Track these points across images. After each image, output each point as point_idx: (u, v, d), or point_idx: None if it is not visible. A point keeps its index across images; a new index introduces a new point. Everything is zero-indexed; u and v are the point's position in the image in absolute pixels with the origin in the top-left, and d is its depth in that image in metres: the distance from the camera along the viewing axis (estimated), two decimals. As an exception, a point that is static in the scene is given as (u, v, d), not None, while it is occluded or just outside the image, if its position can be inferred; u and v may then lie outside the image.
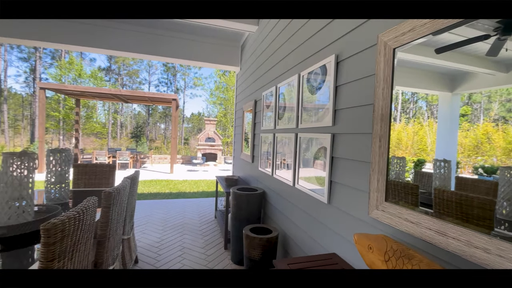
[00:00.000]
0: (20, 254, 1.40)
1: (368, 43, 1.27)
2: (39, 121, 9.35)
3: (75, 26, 3.90)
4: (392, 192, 1.07)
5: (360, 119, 1.32)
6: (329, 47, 1.65)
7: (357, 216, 1.33)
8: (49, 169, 2.27)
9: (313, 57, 1.85)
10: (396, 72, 1.06)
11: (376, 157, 1.14)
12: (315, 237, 1.75)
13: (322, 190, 1.66)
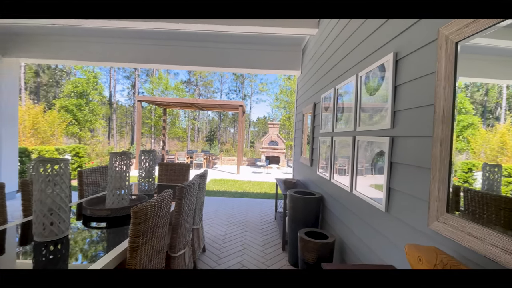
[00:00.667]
0: (119, 231, 1.82)
1: (428, 38, 1.16)
2: (137, 128, 11.46)
3: (163, 49, 4.70)
4: (455, 203, 0.95)
5: (421, 121, 1.20)
6: (387, 45, 1.54)
7: (416, 227, 1.21)
8: (140, 166, 2.82)
9: (371, 56, 1.76)
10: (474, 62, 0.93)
11: (436, 163, 1.02)
12: (372, 246, 1.65)
13: (379, 197, 1.55)
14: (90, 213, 1.97)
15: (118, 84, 33.28)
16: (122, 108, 30.03)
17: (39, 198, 1.50)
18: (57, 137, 11.90)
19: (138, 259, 1.43)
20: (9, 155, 4.97)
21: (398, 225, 1.37)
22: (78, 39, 4.69)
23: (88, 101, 15.86)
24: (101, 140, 18.38)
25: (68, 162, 1.62)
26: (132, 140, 27.78)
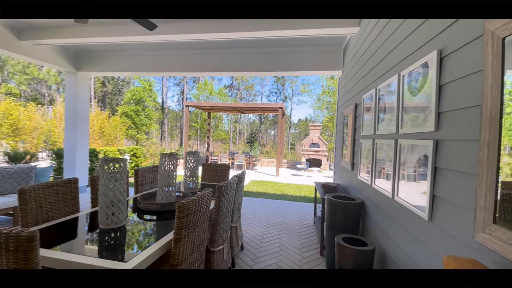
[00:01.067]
0: (166, 224, 2.03)
1: (474, 34, 1.06)
2: (185, 131, 12.37)
3: (208, 57, 5.03)
4: (503, 213, 0.85)
5: (468, 123, 1.10)
6: (430, 42, 1.44)
7: (461, 238, 1.10)
8: (186, 166, 3.08)
9: (414, 54, 1.65)
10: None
11: (483, 169, 0.93)
12: (415, 257, 1.54)
13: (422, 204, 1.45)
14: (143, 206, 2.24)
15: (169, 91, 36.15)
16: (173, 112, 32.62)
17: (104, 191, 1.78)
18: (119, 139, 13.52)
19: (181, 249, 1.59)
20: (82, 155, 5.86)
21: (442, 235, 1.26)
22: (136, 53, 5.32)
23: (144, 107, 17.74)
24: (155, 142, 20.29)
25: (126, 161, 1.88)
26: (181, 142, 29.97)
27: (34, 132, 11.05)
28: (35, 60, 4.79)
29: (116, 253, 1.51)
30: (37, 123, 11.38)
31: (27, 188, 1.80)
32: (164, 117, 28.45)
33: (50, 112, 12.91)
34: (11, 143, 10.45)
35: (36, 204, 1.86)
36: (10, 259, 1.00)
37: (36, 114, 11.83)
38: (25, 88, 23.67)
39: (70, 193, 2.16)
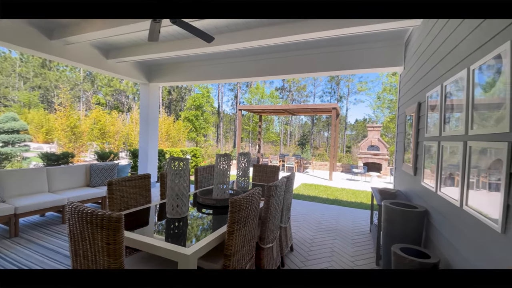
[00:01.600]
0: (221, 218, 2.22)
1: None
2: (237, 133, 12.98)
3: (261, 62, 5.24)
4: None
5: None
6: (504, 31, 1.25)
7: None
8: (238, 166, 3.28)
9: (485, 46, 1.45)
10: None
11: None
12: (488, 276, 1.35)
13: (495, 215, 1.27)
14: (202, 201, 2.50)
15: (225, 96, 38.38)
16: (227, 116, 34.48)
17: (171, 186, 2.06)
18: (182, 141, 14.99)
19: (234, 241, 1.74)
20: (152, 154, 6.74)
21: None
22: (196, 64, 5.88)
23: (203, 112, 19.31)
24: (211, 143, 21.82)
25: (188, 160, 2.14)
26: (234, 143, 31.43)
27: (116, 135, 13.18)
28: (118, 75, 5.74)
29: (179, 239, 1.75)
30: (119, 128, 13.54)
31: (113, 181, 2.22)
32: (220, 121, 30.29)
33: (128, 118, 15.22)
34: (99, 144, 12.70)
35: (120, 194, 2.27)
36: (103, 235, 1.28)
37: (117, 120, 14.10)
38: (110, 98, 28.29)
39: (144, 186, 2.56)
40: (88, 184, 4.70)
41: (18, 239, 3.34)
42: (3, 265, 2.66)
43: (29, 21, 3.98)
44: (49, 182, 4.18)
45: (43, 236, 3.47)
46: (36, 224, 3.89)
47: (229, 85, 32.01)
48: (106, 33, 3.90)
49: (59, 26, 4.20)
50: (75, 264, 1.42)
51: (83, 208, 1.32)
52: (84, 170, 4.70)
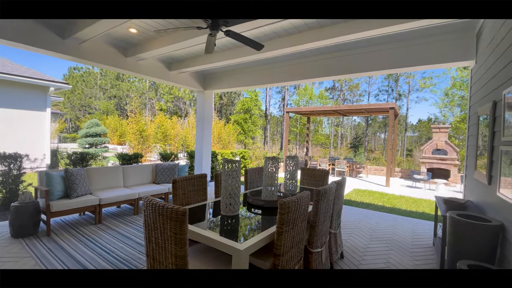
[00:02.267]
0: (269, 218, 2.32)
1: None
2: (285, 136, 13.01)
3: (309, 64, 5.23)
4: None
5: None
6: None
7: None
8: (286, 169, 3.34)
9: None
10: None
11: None
12: None
13: None
14: (251, 201, 2.64)
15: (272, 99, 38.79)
16: (274, 118, 34.77)
17: (224, 185, 2.25)
18: (232, 143, 15.72)
19: (283, 242, 1.81)
20: (206, 156, 7.28)
21: None
22: (246, 70, 6.16)
23: (251, 115, 19.95)
24: (259, 146, 22.31)
25: (239, 163, 2.30)
26: (281, 146, 31.48)
27: (176, 138, 14.61)
28: (178, 84, 6.39)
29: (232, 235, 1.90)
30: (178, 131, 14.97)
31: (177, 179, 2.53)
32: (267, 123, 30.72)
33: (186, 122, 16.69)
34: (162, 146, 14.24)
35: (182, 191, 2.57)
36: (172, 225, 1.49)
37: (177, 124, 15.60)
38: (170, 105, 31.35)
39: (201, 185, 2.83)
40: (154, 181, 5.36)
41: (101, 225, 4.01)
42: (92, 248, 3.25)
43: (109, 41, 4.75)
44: (124, 178, 4.91)
45: (119, 224, 4.10)
46: (113, 214, 4.62)
47: (276, 87, 32.27)
48: (170, 48, 4.41)
49: (132, 45, 4.92)
50: (149, 249, 1.68)
51: (155, 202, 1.57)
52: (151, 169, 5.38)
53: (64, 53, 4.21)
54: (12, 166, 4.72)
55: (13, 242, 3.24)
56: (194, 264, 1.94)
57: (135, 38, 4.57)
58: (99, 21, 3.50)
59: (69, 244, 3.26)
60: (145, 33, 4.32)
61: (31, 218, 3.41)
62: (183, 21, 3.83)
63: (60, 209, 3.58)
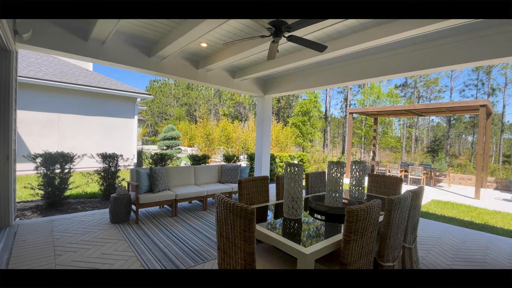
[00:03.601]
0: (333, 225, 2.24)
1: None
2: (348, 138, 12.26)
3: (376, 61, 4.85)
4: None
5: None
6: None
7: None
8: (352, 175, 3.17)
9: None
10: None
11: None
12: None
13: None
14: (314, 206, 2.60)
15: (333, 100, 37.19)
16: (335, 120, 33.17)
17: (287, 189, 2.28)
18: (289, 146, 15.69)
19: (350, 251, 1.73)
20: (265, 158, 7.46)
21: None
22: (308, 72, 6.10)
23: (310, 117, 19.51)
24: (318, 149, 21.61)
25: (302, 167, 2.30)
26: (343, 149, 29.74)
27: (237, 141, 15.45)
28: (241, 91, 6.76)
29: (296, 238, 1.91)
30: (238, 135, 15.81)
31: (242, 180, 2.69)
32: (327, 125, 29.49)
33: (246, 126, 17.51)
34: (225, 148, 15.27)
35: (246, 191, 2.72)
36: (241, 223, 1.60)
37: (238, 128, 16.50)
38: (232, 110, 33.29)
39: (264, 186, 2.94)
40: (219, 180, 5.79)
41: (176, 218, 4.54)
42: (170, 237, 3.71)
43: (184, 56, 5.38)
44: (195, 177, 5.46)
45: (191, 218, 4.57)
46: (186, 208, 5.17)
47: (338, 87, 30.74)
48: (235, 58, 4.73)
49: (202, 58, 5.46)
50: (220, 243, 1.84)
51: (227, 200, 1.71)
52: (217, 169, 5.83)
53: (149, 69, 4.97)
54: (111, 164, 5.80)
55: (111, 226, 3.97)
56: (259, 261, 2.02)
57: (204, 51, 5.05)
58: (178, 40, 4.00)
59: (152, 232, 3.81)
60: (213, 46, 4.74)
61: (125, 208, 4.12)
62: (248, 31, 4.05)
63: (146, 201, 4.21)
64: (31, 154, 4.82)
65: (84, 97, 9.95)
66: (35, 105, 8.91)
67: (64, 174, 5.12)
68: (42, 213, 4.63)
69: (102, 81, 10.96)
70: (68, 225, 3.92)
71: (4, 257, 2.67)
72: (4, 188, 3.39)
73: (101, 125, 10.40)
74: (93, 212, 4.68)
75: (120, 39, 4.49)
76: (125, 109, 11.07)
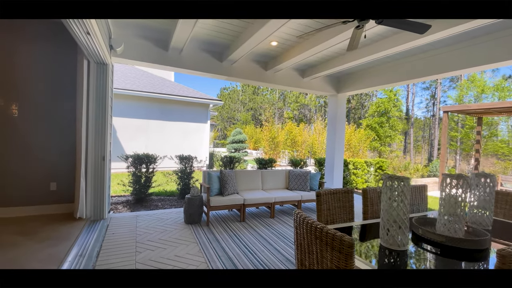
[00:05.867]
0: (451, 263, 1.59)
1: None
2: (442, 142, 10.15)
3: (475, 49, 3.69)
4: None
5: None
6: None
7: None
8: (475, 192, 2.34)
9: None
10: None
11: None
12: None
13: None
14: (422, 233, 1.95)
15: (416, 97, 32.20)
16: (418, 121, 28.61)
17: (387, 209, 1.75)
18: (363, 151, 14.14)
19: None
20: (339, 165, 6.73)
21: None
22: (392, 64, 5.18)
23: (388, 118, 17.13)
24: (398, 155, 18.86)
25: (409, 181, 1.73)
26: (429, 155, 25.30)
27: (303, 145, 14.84)
28: (311, 90, 6.28)
29: (407, 283, 1.38)
30: (305, 138, 15.16)
31: (321, 192, 2.26)
32: (410, 127, 25.61)
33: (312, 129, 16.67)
34: (290, 152, 14.86)
35: (326, 206, 2.27)
36: (334, 256, 1.20)
37: (304, 131, 15.86)
38: (296, 112, 32.68)
39: (348, 201, 2.43)
40: (287, 187, 5.45)
41: (244, 223, 4.40)
42: (238, 245, 3.55)
43: (253, 58, 5.28)
44: (262, 181, 5.26)
45: (258, 225, 4.35)
46: (253, 214, 5.00)
47: (423, 83, 26.44)
48: (306, 54, 4.34)
49: (271, 58, 5.25)
50: (300, 273, 1.47)
51: (311, 221, 1.34)
52: (284, 175, 5.51)
53: (221, 74, 5.05)
54: (186, 165, 6.17)
55: (185, 227, 4.08)
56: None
57: (274, 51, 4.83)
58: (248, 41, 3.89)
59: (221, 237, 3.74)
60: (284, 43, 4.46)
61: (197, 209, 4.20)
62: (322, 20, 3.61)
63: (216, 204, 4.21)
64: (123, 155, 5.52)
65: (167, 105, 11.19)
66: (129, 113, 10.48)
67: (149, 173, 5.69)
68: (130, 208, 5.20)
69: (181, 90, 12.16)
70: (149, 221, 4.24)
71: (95, 249, 2.96)
72: (101, 185, 3.86)
73: (179, 129, 11.50)
74: (170, 210, 4.99)
75: (194, 46, 4.69)
76: (200, 115, 11.96)
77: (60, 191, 4.10)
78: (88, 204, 3.82)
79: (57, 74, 4.09)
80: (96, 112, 3.81)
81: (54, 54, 4.06)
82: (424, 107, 27.75)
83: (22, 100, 3.93)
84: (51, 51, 4.04)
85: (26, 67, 3.92)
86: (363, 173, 9.03)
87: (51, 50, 4.04)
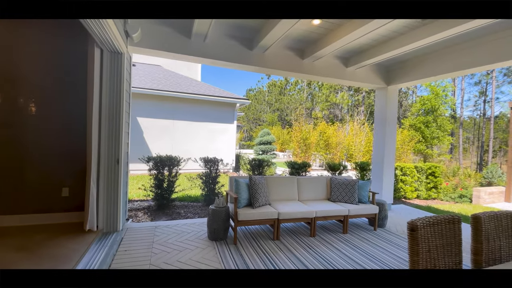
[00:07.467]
0: None
1: None
2: (510, 144, 8.48)
3: None
4: None
5: None
6: None
7: None
8: None
9: None
10: None
11: None
12: None
13: None
14: None
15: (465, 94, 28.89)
16: (467, 122, 25.53)
17: None
18: (406, 154, 12.56)
19: None
20: (389, 172, 5.66)
21: None
22: (456, 48, 4.08)
23: (435, 116, 15.11)
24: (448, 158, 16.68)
25: None
26: (479, 159, 22.33)
27: (338, 147, 13.62)
28: (355, 82, 5.33)
29: None
30: (340, 139, 13.92)
31: (418, 225, 1.41)
32: (459, 127, 22.83)
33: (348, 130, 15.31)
34: (323, 154, 13.73)
35: (425, 245, 1.42)
36: None
37: (339, 131, 14.59)
38: (326, 112, 31.09)
39: (454, 236, 1.54)
40: (328, 198, 4.56)
41: (278, 242, 3.63)
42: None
43: (288, 44, 4.50)
44: (298, 190, 4.44)
45: (295, 245, 3.55)
46: (289, 230, 4.19)
47: (471, 77, 23.50)
48: (353, 35, 3.49)
49: (309, 43, 4.43)
50: None
51: None
52: (325, 183, 4.63)
53: (251, 64, 4.34)
54: (211, 169, 5.56)
55: (208, 245, 3.42)
56: None
57: (315, 32, 4.01)
58: (281, 21, 3.16)
59: (251, 260, 3.02)
60: (328, 21, 3.62)
61: (222, 223, 3.52)
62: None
63: (245, 218, 3.49)
64: (145, 157, 5.05)
65: (193, 105, 10.83)
66: (155, 113, 10.26)
67: (172, 177, 5.17)
68: (151, 215, 4.71)
69: (208, 89, 11.76)
70: (169, 235, 3.65)
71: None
72: (114, 192, 3.34)
73: (205, 130, 11.07)
74: (193, 221, 4.38)
75: (220, 31, 4.05)
76: (226, 115, 11.45)
77: (73, 197, 3.68)
78: (100, 214, 3.32)
79: (65, 65, 3.66)
80: (110, 108, 3.30)
81: (60, 42, 3.63)
82: (473, 105, 24.62)
83: (27, 96, 3.56)
84: (57, 38, 3.62)
85: (31, 56, 3.54)
86: (412, 180, 7.76)
87: (56, 37, 3.62)
